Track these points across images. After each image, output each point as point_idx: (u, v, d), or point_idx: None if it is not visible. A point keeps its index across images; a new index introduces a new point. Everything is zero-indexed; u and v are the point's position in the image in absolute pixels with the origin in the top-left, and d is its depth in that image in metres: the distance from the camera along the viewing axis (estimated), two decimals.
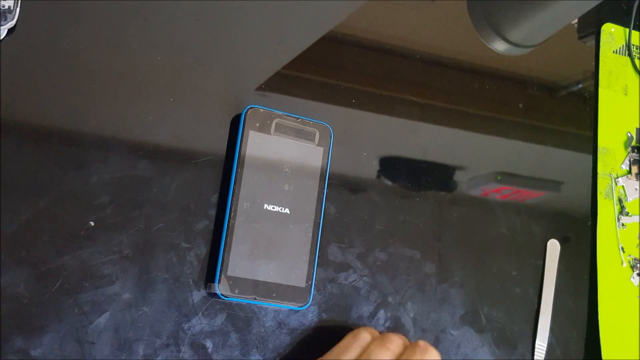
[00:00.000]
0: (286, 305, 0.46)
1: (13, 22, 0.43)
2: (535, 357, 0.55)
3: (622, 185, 0.63)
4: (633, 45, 0.67)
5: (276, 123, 0.48)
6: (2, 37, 0.42)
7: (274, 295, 0.45)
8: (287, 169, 0.48)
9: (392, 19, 0.57)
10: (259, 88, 0.50)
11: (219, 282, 0.44)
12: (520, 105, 0.61)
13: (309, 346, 0.47)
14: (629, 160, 0.63)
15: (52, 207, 0.42)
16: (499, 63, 0.61)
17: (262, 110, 0.47)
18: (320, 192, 0.48)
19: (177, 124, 0.47)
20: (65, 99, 0.44)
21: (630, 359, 0.58)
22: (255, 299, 0.45)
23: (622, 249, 0.60)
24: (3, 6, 0.42)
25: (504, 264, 0.56)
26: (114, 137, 0.45)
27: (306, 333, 0.48)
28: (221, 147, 0.48)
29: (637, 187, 0.63)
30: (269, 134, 0.47)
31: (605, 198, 0.61)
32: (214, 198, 0.47)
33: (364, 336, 0.44)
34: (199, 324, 0.45)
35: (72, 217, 0.43)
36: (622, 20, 0.67)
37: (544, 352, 0.55)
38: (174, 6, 0.48)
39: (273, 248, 0.46)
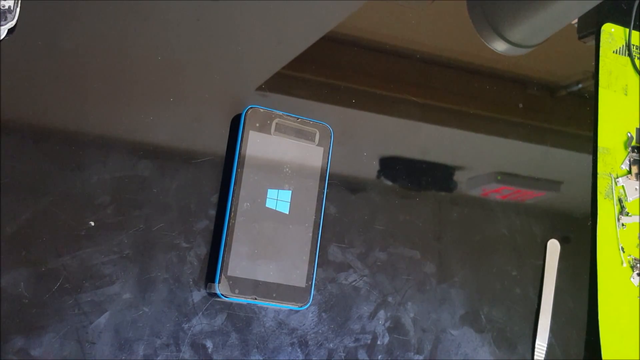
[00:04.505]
0: (286, 305, 0.46)
1: (13, 22, 0.43)
2: (535, 357, 0.55)
3: (622, 185, 0.63)
4: (633, 45, 0.67)
5: (276, 123, 0.48)
6: (2, 37, 0.42)
7: (274, 295, 0.45)
8: (287, 169, 0.48)
9: (392, 19, 0.57)
10: (259, 88, 0.50)
11: (219, 282, 0.44)
12: (520, 105, 0.61)
13: (309, 346, 0.47)
14: (629, 160, 0.63)
15: (52, 207, 0.42)
16: (499, 63, 0.61)
17: (262, 110, 0.47)
18: (320, 192, 0.48)
19: (177, 124, 0.47)
20: (65, 99, 0.44)
21: (630, 359, 0.58)
22: (256, 299, 0.45)
23: (622, 249, 0.60)
24: (3, 6, 0.42)
25: (504, 264, 0.56)
26: (114, 137, 0.45)
27: (306, 333, 0.48)
28: (221, 147, 0.48)
29: (637, 187, 0.63)
30: (269, 134, 0.47)
31: (605, 198, 0.61)
32: (214, 198, 0.47)
33: None
34: (199, 324, 0.45)
35: (72, 217, 0.43)
36: (622, 20, 0.67)
37: (544, 352, 0.55)
38: (174, 6, 0.48)
39: (273, 248, 0.46)
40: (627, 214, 0.62)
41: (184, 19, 0.48)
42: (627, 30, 0.67)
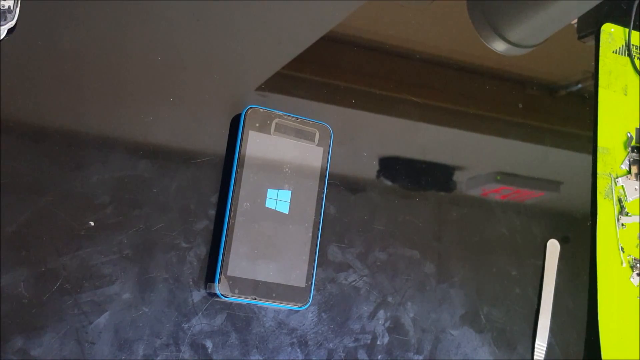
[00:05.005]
0: (286, 305, 0.46)
1: (13, 22, 0.43)
2: (535, 357, 0.55)
3: (622, 185, 0.63)
4: (633, 45, 0.67)
5: (276, 123, 0.48)
6: (2, 37, 0.42)
7: (274, 295, 0.45)
8: (287, 169, 0.48)
9: (392, 19, 0.57)
10: (259, 88, 0.50)
11: (219, 282, 0.44)
12: (520, 105, 0.61)
13: (309, 346, 0.47)
14: (629, 160, 0.63)
15: (52, 207, 0.42)
16: (499, 63, 0.61)
17: (262, 110, 0.47)
18: (320, 192, 0.48)
19: (177, 124, 0.47)
20: (65, 99, 0.44)
21: (630, 359, 0.58)
22: (255, 299, 0.45)
23: (622, 249, 0.60)
24: (3, 6, 0.42)
25: (504, 264, 0.56)
26: (114, 137, 0.45)
27: (306, 333, 0.48)
28: (221, 147, 0.48)
29: (637, 187, 0.63)
30: (269, 134, 0.47)
31: (605, 198, 0.61)
32: (214, 198, 0.47)
33: None
34: (198, 324, 0.45)
35: (72, 217, 0.43)
36: (622, 20, 0.67)
37: (544, 352, 0.55)
38: (173, 6, 0.48)
39: (273, 248, 0.46)
40: (627, 214, 0.62)
41: (184, 19, 0.48)
42: (627, 30, 0.67)
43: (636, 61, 0.67)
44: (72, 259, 0.42)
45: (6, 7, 0.42)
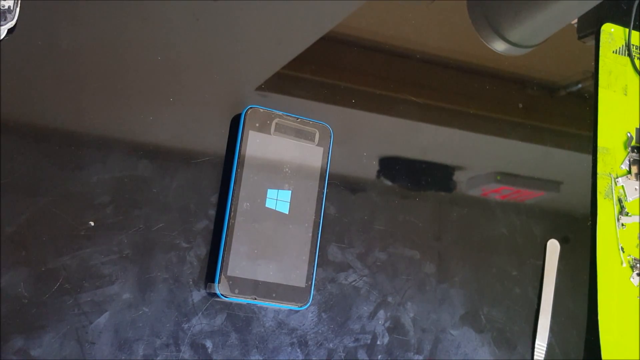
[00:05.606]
0: (286, 305, 0.46)
1: (13, 22, 0.43)
2: (535, 357, 0.55)
3: (622, 185, 0.63)
4: (633, 45, 0.67)
5: (276, 123, 0.48)
6: (2, 37, 0.42)
7: (273, 295, 0.45)
8: (287, 169, 0.48)
9: (392, 19, 0.57)
10: (259, 88, 0.50)
11: (219, 282, 0.44)
12: (520, 105, 0.61)
13: (309, 346, 0.47)
14: (629, 160, 0.63)
15: (52, 207, 0.42)
16: (499, 63, 0.61)
17: (262, 110, 0.47)
18: (320, 192, 0.48)
19: (177, 124, 0.47)
20: (65, 99, 0.44)
21: (630, 359, 0.58)
22: (255, 299, 0.45)
23: (622, 249, 0.60)
24: (3, 6, 0.42)
25: (504, 264, 0.56)
26: (114, 137, 0.45)
27: (306, 333, 0.48)
28: (221, 147, 0.48)
29: (637, 187, 0.63)
30: (269, 134, 0.47)
31: (605, 198, 0.61)
32: (214, 198, 0.47)
33: None
34: (198, 324, 0.45)
35: (72, 217, 0.43)
36: (622, 20, 0.67)
37: (544, 352, 0.55)
38: (173, 6, 0.48)
39: (273, 248, 0.46)
40: (627, 214, 0.62)
41: (183, 19, 0.48)
42: (627, 30, 0.67)
43: (636, 61, 0.67)
44: (72, 259, 0.42)
45: (6, 7, 0.42)
